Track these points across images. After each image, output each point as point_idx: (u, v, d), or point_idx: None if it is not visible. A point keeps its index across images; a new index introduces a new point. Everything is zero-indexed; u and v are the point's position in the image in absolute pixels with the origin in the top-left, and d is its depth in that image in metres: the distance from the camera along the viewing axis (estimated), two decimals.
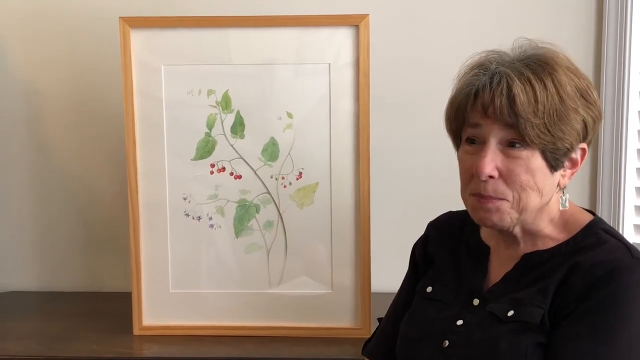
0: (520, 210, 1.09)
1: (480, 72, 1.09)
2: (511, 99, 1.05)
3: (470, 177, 1.11)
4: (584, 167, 1.86)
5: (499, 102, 1.05)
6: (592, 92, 1.10)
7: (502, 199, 1.08)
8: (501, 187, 1.08)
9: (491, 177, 1.07)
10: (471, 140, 1.11)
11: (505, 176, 1.07)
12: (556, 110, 1.05)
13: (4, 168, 2.00)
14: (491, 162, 1.07)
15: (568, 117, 1.06)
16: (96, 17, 1.89)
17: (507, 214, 1.10)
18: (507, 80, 1.06)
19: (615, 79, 1.82)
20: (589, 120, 1.09)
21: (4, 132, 1.99)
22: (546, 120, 1.05)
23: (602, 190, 1.87)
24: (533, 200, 1.09)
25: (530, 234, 1.15)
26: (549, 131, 1.05)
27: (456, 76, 1.15)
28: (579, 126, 1.08)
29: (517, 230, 1.14)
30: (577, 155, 1.12)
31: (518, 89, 1.05)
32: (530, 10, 1.86)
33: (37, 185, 2.00)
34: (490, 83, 1.07)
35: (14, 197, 2.01)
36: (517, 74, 1.06)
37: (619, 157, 1.84)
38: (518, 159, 1.07)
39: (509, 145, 1.07)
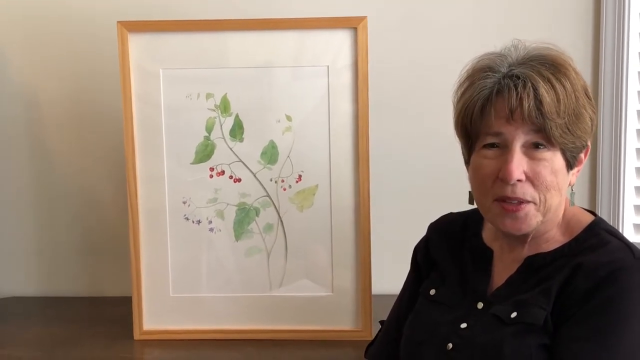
0: (545, 212, 1.09)
1: (491, 75, 1.09)
2: (538, 100, 1.05)
3: (492, 183, 1.09)
4: (584, 167, 1.86)
5: (527, 105, 1.05)
6: (589, 90, 1.12)
7: (529, 202, 1.08)
8: (529, 189, 1.08)
9: (519, 180, 1.07)
10: (491, 145, 1.10)
11: (532, 178, 1.07)
12: (574, 110, 1.07)
13: (4, 173, 2.00)
14: (519, 165, 1.06)
15: (583, 115, 1.08)
16: (94, 21, 1.89)
17: (534, 219, 1.09)
18: (532, 82, 1.05)
19: (614, 79, 1.82)
20: (593, 117, 1.11)
21: (3, 137, 1.98)
22: (567, 120, 1.06)
23: (601, 190, 1.87)
24: (555, 200, 1.09)
25: (538, 236, 1.14)
26: (569, 130, 1.06)
27: (457, 81, 1.14)
28: (589, 123, 1.10)
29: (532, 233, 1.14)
30: (582, 153, 1.13)
31: (543, 90, 1.05)
32: (529, 12, 1.86)
33: (37, 190, 2.00)
34: (516, 86, 1.06)
35: (13, 202, 2.01)
36: (538, 75, 1.06)
37: (618, 157, 1.84)
38: (543, 160, 1.07)
39: (532, 147, 1.07)
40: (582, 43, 1.86)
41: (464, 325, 1.14)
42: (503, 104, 1.07)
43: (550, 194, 1.08)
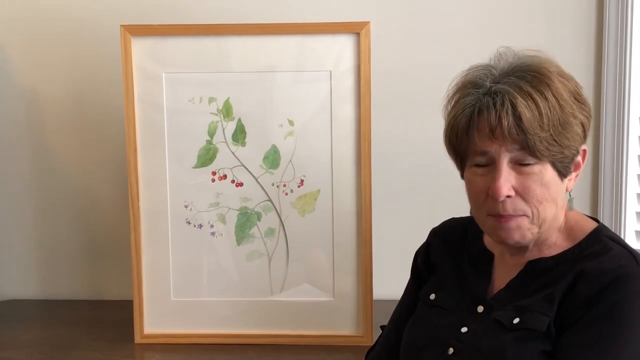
0: (540, 224, 1.09)
1: (474, 91, 1.09)
2: (517, 117, 1.04)
3: (485, 198, 1.10)
4: (585, 174, 1.87)
5: (506, 122, 1.04)
6: (581, 92, 1.11)
7: (522, 215, 1.08)
8: (520, 204, 1.08)
9: (508, 196, 1.07)
10: (479, 163, 1.10)
11: (522, 193, 1.07)
12: (559, 120, 1.06)
13: (5, 174, 2.00)
14: (506, 182, 1.06)
15: (570, 123, 1.07)
16: (98, 24, 1.89)
17: (528, 230, 1.10)
18: (510, 99, 1.05)
19: (616, 85, 1.82)
20: (585, 121, 1.10)
21: (5, 138, 1.99)
22: (552, 132, 1.05)
23: (603, 197, 1.87)
24: (550, 211, 1.09)
25: (539, 242, 1.14)
26: (556, 142, 1.06)
27: (445, 97, 1.14)
28: (579, 130, 1.09)
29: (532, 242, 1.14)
30: (579, 158, 1.12)
31: (522, 106, 1.04)
32: (531, 17, 1.86)
33: (38, 193, 2.00)
34: (494, 104, 1.05)
35: (14, 204, 2.01)
36: (517, 90, 1.05)
37: (620, 164, 1.83)
38: (531, 174, 1.07)
39: (519, 162, 1.07)
40: (584, 50, 1.86)
41: (464, 330, 1.14)
42: (485, 123, 1.07)
43: (543, 207, 1.08)
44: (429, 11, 1.88)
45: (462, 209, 1.25)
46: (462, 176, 1.16)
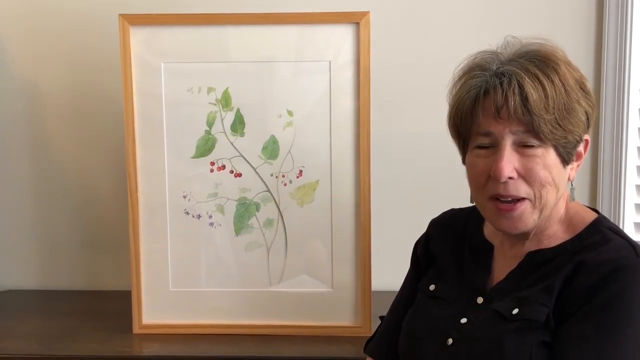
0: (542, 208, 1.09)
1: (480, 74, 1.09)
2: (524, 97, 1.04)
3: (486, 181, 1.10)
4: (584, 165, 1.86)
5: (512, 101, 1.04)
6: (586, 83, 1.11)
7: (524, 199, 1.08)
8: (522, 186, 1.08)
9: (510, 178, 1.07)
10: (482, 145, 1.10)
11: (525, 175, 1.07)
12: (564, 104, 1.06)
13: (4, 166, 1.99)
14: (509, 163, 1.06)
15: (575, 109, 1.07)
16: (96, 14, 1.88)
17: (530, 217, 1.09)
18: (517, 79, 1.05)
19: (616, 77, 1.82)
20: (589, 110, 1.10)
21: (3, 131, 1.98)
22: (557, 115, 1.05)
23: (602, 188, 1.87)
24: (552, 196, 1.09)
25: (539, 232, 1.14)
26: (560, 126, 1.06)
27: (451, 80, 1.14)
28: (583, 117, 1.09)
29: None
30: (581, 147, 1.12)
31: (529, 86, 1.05)
32: (531, 9, 1.86)
33: (37, 183, 2.00)
34: (501, 83, 1.06)
35: (13, 195, 2.00)
36: (525, 71, 1.06)
37: (619, 155, 1.83)
38: (534, 156, 1.07)
39: (523, 144, 1.07)
40: (584, 41, 1.85)
41: (464, 320, 1.14)
42: (490, 102, 1.07)
43: (545, 190, 1.08)
44: (429, 2, 1.87)
45: (461, 199, 1.25)
46: (464, 161, 1.16)
